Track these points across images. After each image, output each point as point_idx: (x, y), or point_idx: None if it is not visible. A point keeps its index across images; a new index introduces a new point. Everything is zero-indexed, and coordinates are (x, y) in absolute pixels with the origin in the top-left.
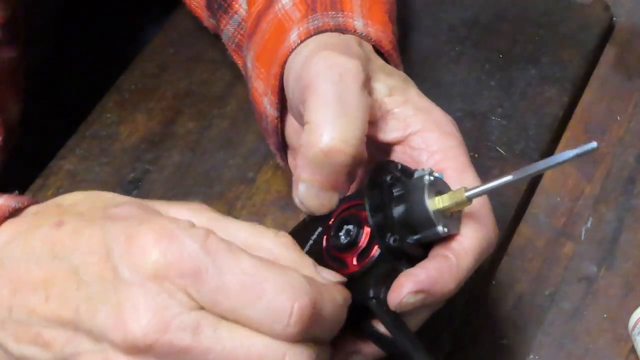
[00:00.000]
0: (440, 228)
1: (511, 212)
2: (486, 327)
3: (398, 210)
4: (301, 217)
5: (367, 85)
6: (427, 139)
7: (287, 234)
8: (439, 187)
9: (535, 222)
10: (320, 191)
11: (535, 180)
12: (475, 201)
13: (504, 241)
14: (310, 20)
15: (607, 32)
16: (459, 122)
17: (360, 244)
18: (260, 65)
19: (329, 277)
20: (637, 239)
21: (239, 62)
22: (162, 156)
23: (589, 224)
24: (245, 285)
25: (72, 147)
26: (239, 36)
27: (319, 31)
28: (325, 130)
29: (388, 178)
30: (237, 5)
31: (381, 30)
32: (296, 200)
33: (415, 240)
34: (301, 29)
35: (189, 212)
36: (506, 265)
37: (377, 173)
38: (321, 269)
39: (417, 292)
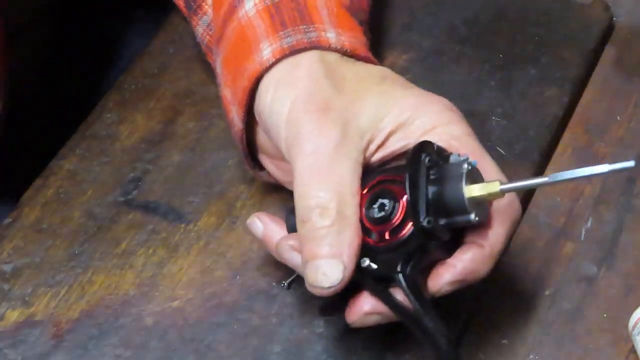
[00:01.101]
0: (472, 216)
1: None
2: (486, 327)
3: (434, 193)
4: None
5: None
6: (439, 133)
7: None
8: (474, 175)
9: (535, 222)
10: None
11: None
12: None
13: None
14: (283, 36)
15: (607, 32)
16: None
17: (394, 221)
18: (227, 72)
19: None
20: (637, 239)
21: (212, 62)
22: (162, 156)
23: (589, 224)
24: None
25: (72, 147)
26: (207, 37)
27: (294, 50)
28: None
29: (427, 160)
30: (206, 7)
31: (353, 37)
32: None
33: (447, 223)
34: (274, 45)
35: None
36: (506, 265)
37: (418, 151)
38: None
39: (453, 282)
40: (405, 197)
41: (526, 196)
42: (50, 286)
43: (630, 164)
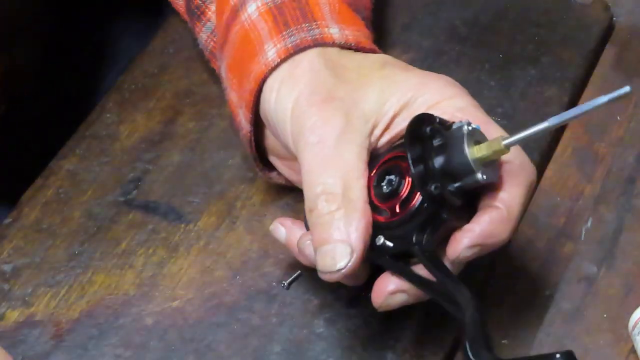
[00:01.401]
0: (479, 175)
1: None
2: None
3: (439, 160)
4: (301, 218)
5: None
6: (443, 108)
7: None
8: (477, 137)
9: (535, 222)
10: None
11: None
12: (511, 148)
13: None
14: (287, 36)
15: (607, 32)
16: None
17: (402, 194)
18: (232, 76)
19: None
20: (637, 239)
21: (216, 68)
22: (162, 156)
23: (589, 224)
24: None
25: (72, 147)
26: (212, 43)
27: (298, 49)
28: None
29: (428, 129)
30: (209, 13)
31: (357, 30)
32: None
33: (456, 188)
34: (278, 45)
35: None
36: (506, 265)
37: (416, 125)
38: None
39: (472, 246)
40: (410, 169)
41: None
42: (50, 286)
43: (627, 89)
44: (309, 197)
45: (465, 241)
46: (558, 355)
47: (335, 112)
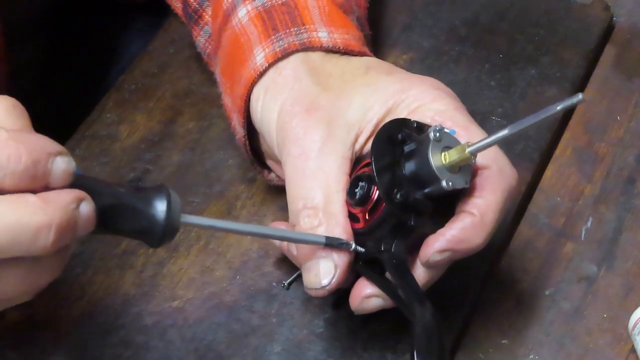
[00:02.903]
0: (444, 183)
1: (511, 212)
2: (486, 327)
3: (408, 167)
4: None
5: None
6: (423, 111)
7: (9, 98)
8: (448, 142)
9: (535, 222)
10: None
11: (535, 180)
12: (490, 152)
13: (504, 241)
14: (275, 40)
15: (607, 32)
16: None
17: (370, 201)
18: (226, 80)
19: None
20: (637, 239)
21: (214, 73)
22: (162, 156)
23: (589, 224)
24: None
25: (72, 147)
26: (209, 47)
27: (286, 53)
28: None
29: (399, 135)
30: (207, 17)
31: (346, 33)
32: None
33: (424, 195)
34: (267, 50)
35: None
36: (506, 265)
37: (388, 131)
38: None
39: (443, 250)
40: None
41: (526, 196)
42: (50, 286)
43: (579, 97)
44: (292, 211)
45: (436, 245)
46: None
47: (317, 123)
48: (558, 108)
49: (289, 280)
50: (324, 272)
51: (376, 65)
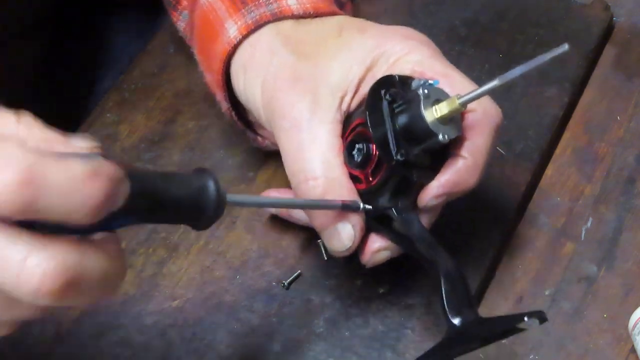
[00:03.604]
0: (441, 136)
1: (511, 212)
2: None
3: (401, 125)
4: (287, 186)
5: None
6: (402, 64)
7: (30, 117)
8: (436, 95)
9: (535, 222)
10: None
11: (535, 180)
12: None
13: (504, 241)
14: (245, 13)
15: (607, 32)
16: None
17: (371, 163)
18: (203, 58)
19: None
20: (637, 239)
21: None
22: (162, 156)
23: (589, 224)
24: None
25: None
26: (189, 30)
27: (258, 25)
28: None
29: (387, 95)
30: (185, 2)
31: None
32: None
33: (421, 150)
34: (239, 23)
35: None
36: (506, 265)
37: (376, 90)
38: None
39: (439, 195)
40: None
41: (526, 196)
42: None
43: (565, 47)
44: (295, 184)
45: (432, 191)
46: (526, 319)
47: (301, 94)
48: (547, 58)
49: (288, 280)
50: (345, 236)
51: (348, 25)
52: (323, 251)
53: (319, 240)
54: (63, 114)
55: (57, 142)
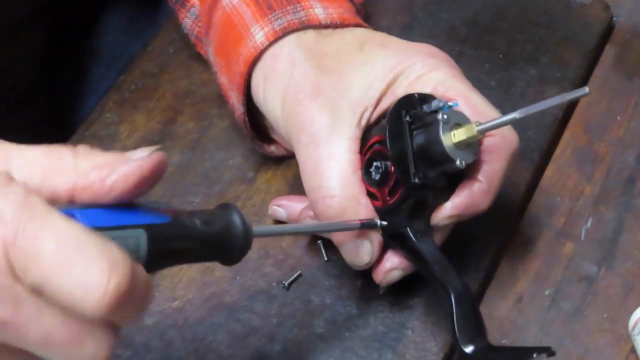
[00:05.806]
0: (458, 162)
1: (511, 212)
2: (486, 327)
3: (419, 146)
4: (294, 193)
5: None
6: (424, 82)
7: (86, 147)
8: (455, 118)
9: (535, 222)
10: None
11: (535, 180)
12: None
13: (504, 241)
14: (273, 19)
15: (607, 32)
16: None
17: (389, 182)
18: (220, 60)
19: None
20: (637, 239)
21: (203, 53)
22: None
23: (589, 224)
24: (58, 252)
25: None
26: (197, 28)
27: (286, 32)
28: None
29: (407, 117)
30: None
31: (340, 7)
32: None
33: (438, 172)
34: (266, 29)
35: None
36: (506, 265)
37: (398, 111)
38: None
39: (452, 216)
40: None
41: (526, 196)
42: None
43: (585, 90)
44: (312, 200)
45: (445, 212)
46: (535, 355)
47: (322, 108)
48: (567, 98)
49: (289, 281)
50: (363, 251)
51: (370, 38)
52: (323, 252)
53: (319, 241)
54: (63, 114)
55: (119, 161)
